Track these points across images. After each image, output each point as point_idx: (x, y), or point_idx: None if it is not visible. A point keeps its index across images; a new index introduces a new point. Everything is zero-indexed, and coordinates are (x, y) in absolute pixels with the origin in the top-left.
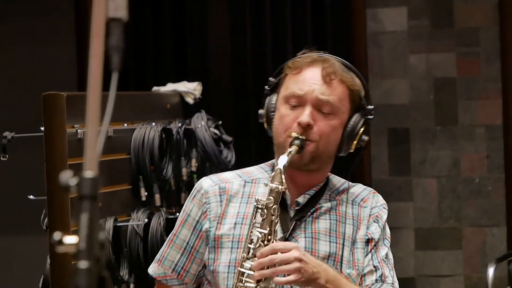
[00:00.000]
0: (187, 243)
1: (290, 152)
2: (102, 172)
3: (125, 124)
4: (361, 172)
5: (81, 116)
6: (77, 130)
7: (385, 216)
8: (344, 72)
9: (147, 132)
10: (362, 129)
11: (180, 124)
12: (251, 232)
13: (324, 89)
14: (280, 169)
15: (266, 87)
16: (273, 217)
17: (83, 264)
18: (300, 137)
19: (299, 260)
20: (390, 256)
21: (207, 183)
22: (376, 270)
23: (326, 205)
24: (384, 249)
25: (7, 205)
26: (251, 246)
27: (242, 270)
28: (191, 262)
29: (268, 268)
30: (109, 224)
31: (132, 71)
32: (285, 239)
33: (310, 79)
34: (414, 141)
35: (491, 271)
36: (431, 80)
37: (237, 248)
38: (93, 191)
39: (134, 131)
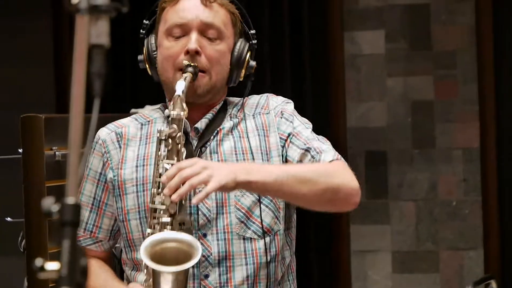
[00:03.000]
0: (94, 198)
1: (185, 78)
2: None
3: None
4: None
5: (60, 139)
6: (55, 152)
7: (290, 107)
8: None
9: None
10: (248, 54)
11: None
12: (158, 165)
13: (207, 13)
14: (179, 95)
15: (142, 30)
16: (179, 146)
17: None
18: (191, 64)
19: (206, 166)
20: (315, 134)
21: (103, 133)
22: (307, 151)
23: (227, 125)
24: (306, 130)
25: None
26: (160, 179)
27: (154, 206)
28: (102, 217)
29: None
30: None
31: (110, 93)
32: None
33: (190, 6)
34: (392, 164)
35: None
36: (409, 102)
37: (143, 191)
38: (75, 218)
39: None
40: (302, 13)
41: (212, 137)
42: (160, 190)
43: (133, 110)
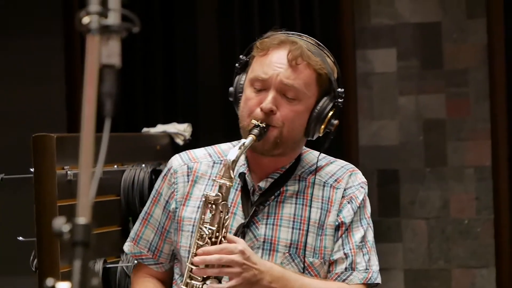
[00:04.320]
0: (159, 223)
1: (243, 144)
2: (92, 214)
3: (115, 166)
4: None
5: (71, 158)
6: (67, 171)
7: (361, 196)
8: (314, 54)
9: (137, 173)
10: (330, 113)
11: None
12: (200, 228)
13: (289, 73)
14: (228, 163)
15: (237, 65)
16: (222, 213)
17: None
18: (260, 124)
19: (241, 264)
20: (369, 237)
21: (177, 162)
22: (346, 258)
23: (292, 188)
24: (359, 232)
25: None
26: (200, 242)
27: (190, 266)
28: (163, 242)
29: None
30: (99, 265)
31: (122, 112)
32: (245, 225)
33: (276, 62)
34: (404, 182)
35: None
36: (421, 121)
37: None
38: (86, 238)
39: (124, 173)
40: (314, 32)
41: (273, 196)
42: (199, 251)
43: (144, 130)
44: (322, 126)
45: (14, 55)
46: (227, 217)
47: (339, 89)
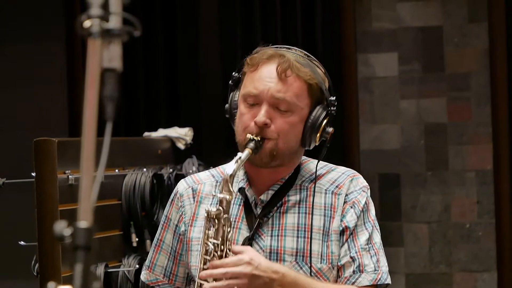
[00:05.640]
0: (171, 247)
1: (239, 158)
2: (93, 218)
3: (116, 170)
4: None
5: (72, 162)
6: (68, 176)
7: (364, 200)
8: (303, 65)
9: (138, 177)
10: (324, 121)
11: (171, 170)
12: (205, 243)
13: (280, 87)
14: (227, 178)
15: (230, 82)
16: (225, 227)
17: None
18: (255, 138)
19: (248, 275)
20: (376, 239)
21: (182, 186)
22: (353, 261)
23: (294, 198)
24: (364, 235)
25: None
26: (206, 257)
27: (199, 281)
28: (178, 266)
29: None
30: (100, 270)
31: (123, 116)
32: (250, 238)
33: (266, 76)
34: (405, 186)
35: None
36: (422, 125)
37: None
38: (88, 241)
39: (125, 177)
40: (316, 36)
41: (275, 208)
42: (206, 266)
43: (146, 134)
44: (318, 135)
45: (16, 59)
46: (229, 229)
47: (332, 98)
